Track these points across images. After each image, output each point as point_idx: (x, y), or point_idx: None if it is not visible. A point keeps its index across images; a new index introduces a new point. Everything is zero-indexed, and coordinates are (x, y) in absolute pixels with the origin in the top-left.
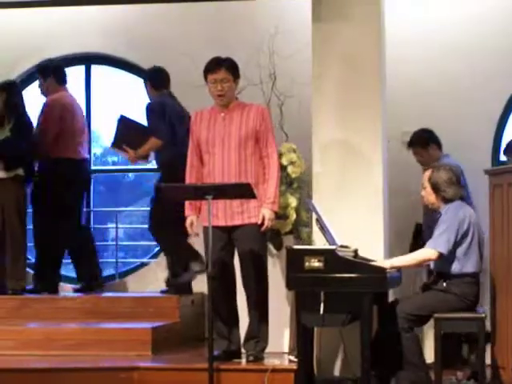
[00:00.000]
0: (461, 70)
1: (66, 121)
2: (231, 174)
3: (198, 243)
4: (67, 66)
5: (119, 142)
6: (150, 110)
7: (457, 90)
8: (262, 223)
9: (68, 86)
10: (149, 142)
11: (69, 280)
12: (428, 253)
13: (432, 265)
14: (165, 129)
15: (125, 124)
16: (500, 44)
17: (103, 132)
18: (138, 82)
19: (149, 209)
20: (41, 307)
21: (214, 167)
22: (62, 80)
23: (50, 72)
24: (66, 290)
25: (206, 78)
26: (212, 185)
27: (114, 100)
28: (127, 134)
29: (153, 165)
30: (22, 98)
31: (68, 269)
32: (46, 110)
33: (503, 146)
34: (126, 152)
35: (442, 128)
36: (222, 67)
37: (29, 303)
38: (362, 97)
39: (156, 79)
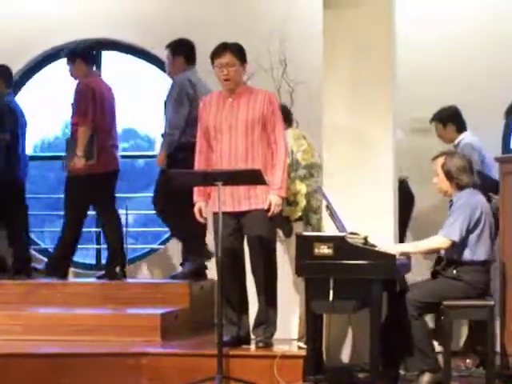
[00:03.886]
0: (472, 57)
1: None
2: (238, 160)
3: None
4: None
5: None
6: None
7: (467, 76)
8: (269, 209)
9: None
10: None
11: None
12: (440, 241)
13: (443, 252)
14: None
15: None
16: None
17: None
18: (149, 68)
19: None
20: (50, 292)
21: (221, 153)
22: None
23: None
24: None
25: (212, 62)
26: (222, 171)
27: (124, 86)
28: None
29: None
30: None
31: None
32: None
33: None
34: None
35: None
36: (228, 51)
37: (38, 288)
38: (372, 83)
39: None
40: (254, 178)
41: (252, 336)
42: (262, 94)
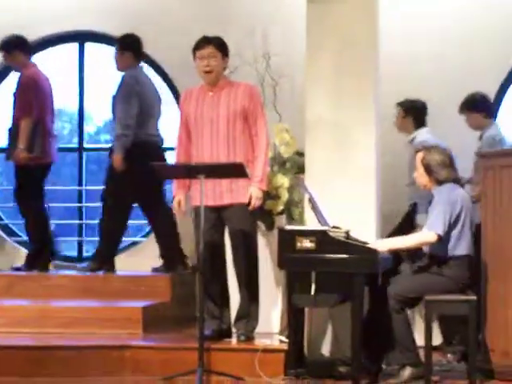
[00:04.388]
0: (456, 51)
1: None
2: (220, 153)
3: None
4: (61, 44)
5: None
6: None
7: (451, 70)
8: (250, 202)
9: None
10: None
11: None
12: (427, 235)
13: (425, 247)
14: None
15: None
16: (497, 26)
17: (96, 111)
18: None
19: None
20: (32, 285)
21: (202, 147)
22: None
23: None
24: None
25: (194, 55)
26: (205, 164)
27: (106, 78)
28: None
29: None
30: None
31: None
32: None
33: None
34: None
35: (435, 109)
36: (210, 44)
37: (20, 281)
38: (355, 78)
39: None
40: (236, 171)
41: (233, 330)
42: (243, 87)
